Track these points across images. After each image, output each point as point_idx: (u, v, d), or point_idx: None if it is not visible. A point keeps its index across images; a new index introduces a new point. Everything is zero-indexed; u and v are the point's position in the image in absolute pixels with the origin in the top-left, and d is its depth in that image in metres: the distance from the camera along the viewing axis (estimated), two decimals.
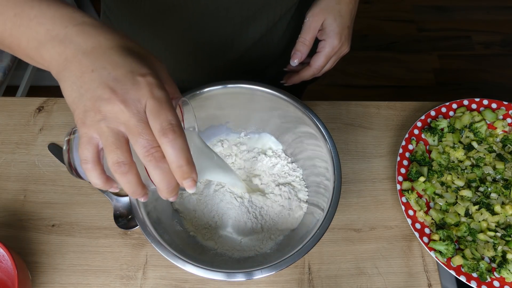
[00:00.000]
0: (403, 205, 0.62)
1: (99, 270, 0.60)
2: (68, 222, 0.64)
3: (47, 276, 0.60)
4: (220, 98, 0.59)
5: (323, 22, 0.60)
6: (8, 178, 0.67)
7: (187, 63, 0.70)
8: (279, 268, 0.48)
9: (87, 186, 0.66)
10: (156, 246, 0.49)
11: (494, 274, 0.58)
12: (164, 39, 0.65)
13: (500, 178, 0.64)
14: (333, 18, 0.60)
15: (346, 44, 0.63)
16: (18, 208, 0.65)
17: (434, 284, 0.60)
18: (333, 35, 0.60)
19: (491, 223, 0.61)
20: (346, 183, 0.67)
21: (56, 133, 0.71)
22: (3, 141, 0.71)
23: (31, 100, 0.74)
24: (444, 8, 2.01)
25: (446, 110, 0.70)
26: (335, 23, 0.60)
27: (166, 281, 0.59)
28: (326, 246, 0.62)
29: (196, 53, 0.68)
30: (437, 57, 1.85)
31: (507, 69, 1.83)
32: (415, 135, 0.68)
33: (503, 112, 0.69)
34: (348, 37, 0.63)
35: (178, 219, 0.62)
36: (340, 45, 0.62)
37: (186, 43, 0.66)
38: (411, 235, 0.63)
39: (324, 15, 0.60)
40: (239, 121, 0.66)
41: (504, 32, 1.94)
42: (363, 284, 0.60)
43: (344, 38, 0.62)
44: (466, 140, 0.68)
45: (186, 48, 0.67)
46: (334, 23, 0.60)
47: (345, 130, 0.72)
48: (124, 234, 0.63)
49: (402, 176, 0.65)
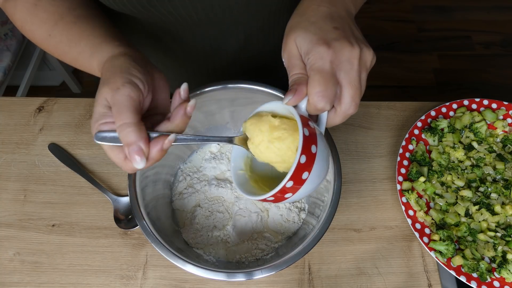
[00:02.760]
0: (403, 205, 0.62)
1: (99, 270, 0.60)
2: (68, 222, 0.64)
3: (47, 276, 0.60)
4: (220, 98, 0.59)
5: (295, 43, 0.44)
6: (8, 178, 0.67)
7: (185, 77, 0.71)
8: (279, 268, 0.48)
9: (87, 186, 0.66)
10: (156, 246, 0.49)
11: (494, 274, 0.58)
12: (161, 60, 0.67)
13: (500, 178, 0.64)
14: (303, 31, 0.43)
15: (345, 46, 0.42)
16: (18, 208, 0.65)
17: (434, 284, 0.60)
18: (313, 45, 0.42)
19: (491, 223, 0.61)
20: (346, 183, 0.67)
21: (56, 133, 0.71)
22: (3, 141, 0.71)
23: (31, 100, 0.75)
24: (444, 8, 2.01)
25: (446, 110, 0.70)
26: (308, 33, 0.43)
27: (166, 281, 0.59)
28: (326, 246, 0.62)
29: (194, 65, 0.69)
30: (437, 57, 1.85)
31: (507, 69, 1.83)
32: (415, 135, 0.68)
33: (503, 112, 0.69)
34: (349, 37, 0.43)
35: (178, 219, 0.62)
36: (333, 52, 0.42)
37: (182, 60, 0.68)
38: (411, 235, 0.63)
39: (291, 36, 0.44)
40: (239, 121, 0.66)
41: (504, 32, 1.94)
42: (363, 284, 0.60)
43: (340, 42, 0.42)
44: (466, 140, 0.68)
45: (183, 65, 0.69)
46: (307, 33, 0.43)
47: (345, 130, 0.72)
48: (124, 234, 0.63)
49: (402, 176, 0.65)
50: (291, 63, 0.44)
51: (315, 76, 0.41)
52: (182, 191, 0.64)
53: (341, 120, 0.44)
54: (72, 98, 0.75)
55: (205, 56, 0.68)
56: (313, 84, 0.41)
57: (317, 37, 0.42)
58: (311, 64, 0.42)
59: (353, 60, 0.42)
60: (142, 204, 0.52)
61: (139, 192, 0.53)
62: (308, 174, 0.41)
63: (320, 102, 0.41)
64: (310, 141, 0.41)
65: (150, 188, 0.57)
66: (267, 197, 0.42)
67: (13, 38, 1.38)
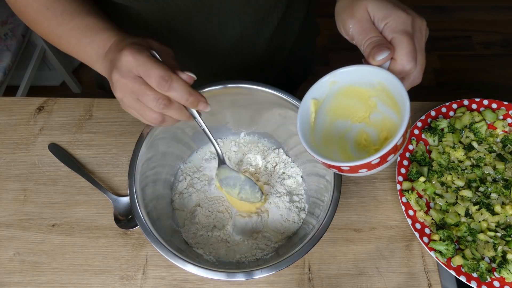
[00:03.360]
0: (403, 205, 0.62)
1: (99, 270, 0.60)
2: (68, 222, 0.64)
3: (47, 276, 0.60)
4: (220, 98, 0.59)
5: (367, 10, 0.44)
6: (8, 178, 0.67)
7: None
8: (279, 268, 0.48)
9: (87, 186, 0.66)
10: (156, 246, 0.49)
11: (494, 274, 0.58)
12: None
13: (500, 178, 0.64)
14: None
15: (416, 16, 0.44)
16: (18, 208, 0.65)
17: (434, 284, 0.60)
18: (392, 10, 0.43)
19: (491, 223, 0.61)
20: (346, 183, 0.67)
21: (56, 133, 0.71)
22: (3, 141, 0.71)
23: (31, 100, 0.75)
24: (444, 8, 2.01)
25: (446, 110, 0.70)
26: (382, 2, 0.44)
27: (166, 281, 0.59)
28: (326, 246, 0.62)
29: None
30: (437, 57, 1.85)
31: (507, 69, 1.83)
32: (415, 135, 0.68)
33: (503, 112, 0.69)
34: (409, 8, 0.45)
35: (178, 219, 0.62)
36: (412, 18, 0.43)
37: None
38: (411, 235, 0.63)
39: (361, 4, 0.44)
40: (239, 121, 0.66)
41: (504, 32, 1.93)
42: (363, 284, 0.60)
43: (412, 11, 0.44)
44: (466, 140, 0.68)
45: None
46: (380, 2, 0.44)
47: None
48: (124, 234, 0.63)
49: (402, 176, 0.65)
50: (365, 28, 0.44)
51: (403, 38, 0.42)
52: (182, 191, 0.64)
53: (407, 89, 0.44)
54: (72, 98, 0.75)
55: (202, 49, 0.68)
56: (403, 45, 0.41)
57: (392, 4, 0.44)
58: (393, 27, 0.42)
59: (423, 31, 0.44)
60: (142, 204, 0.52)
61: (139, 192, 0.53)
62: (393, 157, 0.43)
63: (410, 62, 0.42)
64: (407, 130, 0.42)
65: (150, 188, 0.57)
66: (358, 163, 0.42)
67: (13, 38, 1.38)
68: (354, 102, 0.49)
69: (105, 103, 0.74)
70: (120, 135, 0.71)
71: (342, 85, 0.47)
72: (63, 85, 1.78)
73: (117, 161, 0.69)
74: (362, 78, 0.45)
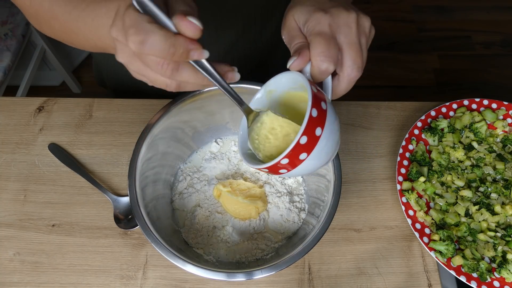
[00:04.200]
0: (403, 205, 0.62)
1: (99, 270, 0.60)
2: (68, 222, 0.64)
3: (47, 276, 0.60)
4: (220, 98, 0.59)
5: (293, 18, 0.45)
6: (8, 178, 0.67)
7: None
8: (279, 268, 0.48)
9: (87, 186, 0.66)
10: (156, 246, 0.49)
11: (494, 274, 0.58)
12: None
13: (500, 178, 0.64)
14: (299, 6, 0.45)
15: (351, 12, 0.43)
16: (18, 208, 0.65)
17: (434, 284, 0.60)
18: (311, 14, 0.43)
19: (491, 223, 0.61)
20: (346, 183, 0.67)
21: (56, 133, 0.71)
22: (3, 141, 0.71)
23: (31, 100, 0.75)
24: (444, 8, 2.01)
25: (446, 110, 0.70)
26: (305, 6, 0.44)
27: (166, 281, 0.59)
28: (326, 246, 0.62)
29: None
30: (437, 57, 1.85)
31: (507, 69, 1.83)
32: (415, 135, 0.68)
33: (503, 112, 0.69)
34: (345, 5, 0.44)
35: (178, 219, 0.62)
36: (331, 16, 0.42)
37: None
38: (411, 235, 0.63)
39: (289, 13, 0.45)
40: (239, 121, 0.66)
41: (504, 32, 1.94)
42: (363, 284, 0.60)
43: (336, 8, 0.43)
44: (466, 140, 0.68)
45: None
46: (304, 6, 0.44)
47: (345, 130, 0.72)
48: (124, 234, 0.63)
49: (402, 176, 0.65)
50: (291, 36, 0.44)
51: (316, 38, 0.41)
52: (182, 191, 0.64)
53: (346, 87, 0.43)
54: (72, 98, 0.75)
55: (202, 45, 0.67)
56: (315, 45, 0.41)
57: (314, 7, 0.43)
58: (311, 30, 0.42)
59: (351, 24, 0.42)
60: (142, 204, 0.52)
61: (139, 192, 0.53)
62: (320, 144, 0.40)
63: (324, 62, 0.41)
64: (317, 123, 0.39)
65: (150, 188, 0.57)
66: (263, 167, 0.41)
67: (13, 38, 1.38)
68: (303, 105, 0.47)
69: (105, 103, 0.74)
70: (120, 135, 0.71)
71: (280, 93, 0.47)
72: (63, 85, 1.78)
73: (117, 161, 0.69)
74: (295, 84, 0.45)
